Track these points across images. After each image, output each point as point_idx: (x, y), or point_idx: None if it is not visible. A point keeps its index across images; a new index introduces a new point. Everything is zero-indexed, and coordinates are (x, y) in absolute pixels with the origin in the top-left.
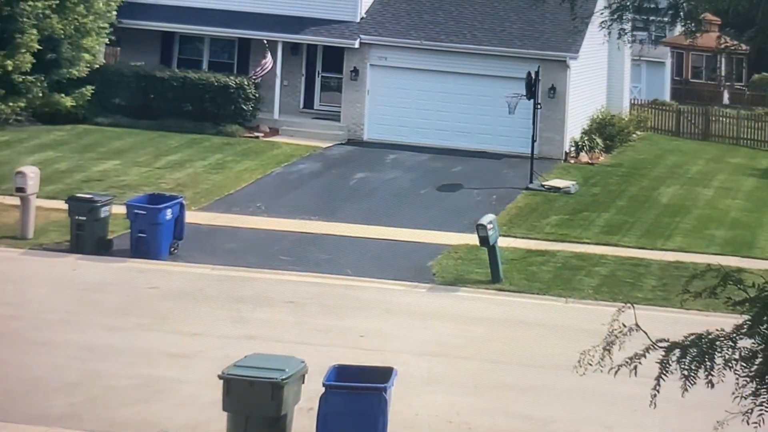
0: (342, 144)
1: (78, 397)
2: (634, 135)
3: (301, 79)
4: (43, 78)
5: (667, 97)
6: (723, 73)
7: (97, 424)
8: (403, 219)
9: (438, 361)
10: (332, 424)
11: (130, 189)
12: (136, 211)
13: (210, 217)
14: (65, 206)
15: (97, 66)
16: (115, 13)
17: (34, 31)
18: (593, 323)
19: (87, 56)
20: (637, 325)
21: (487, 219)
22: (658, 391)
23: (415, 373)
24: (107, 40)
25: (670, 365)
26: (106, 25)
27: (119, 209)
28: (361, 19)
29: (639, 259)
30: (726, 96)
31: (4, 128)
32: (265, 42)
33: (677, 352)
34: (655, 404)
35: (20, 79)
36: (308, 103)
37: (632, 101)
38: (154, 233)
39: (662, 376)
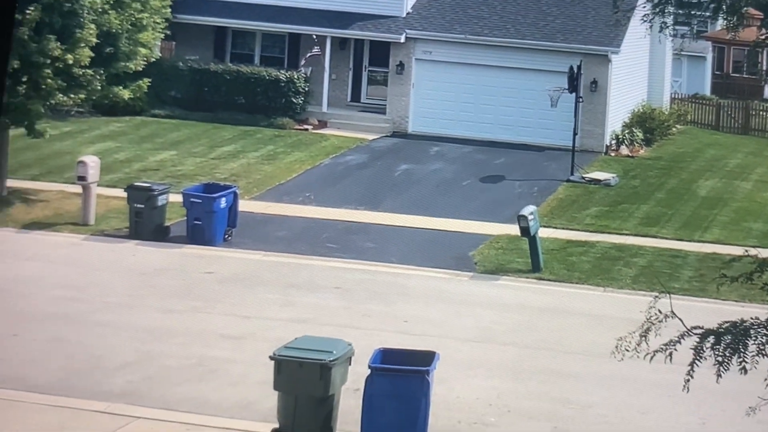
0: (387, 136)
1: (136, 376)
2: (674, 129)
3: (348, 73)
4: (102, 71)
5: (707, 91)
6: (764, 68)
7: (153, 402)
8: (446, 209)
9: (479, 347)
10: (377, 404)
11: (186, 178)
12: (192, 199)
13: (262, 206)
14: (124, 194)
15: (154, 60)
16: (169, 9)
17: (93, 26)
18: (631, 312)
19: (143, 50)
20: (672, 312)
21: (528, 210)
22: (691, 376)
23: (457, 358)
24: (163, 35)
25: (704, 351)
26: (161, 20)
27: (176, 198)
28: (407, 14)
29: (677, 250)
30: (767, 90)
31: (66, 120)
32: (315, 37)
33: (711, 338)
34: (688, 389)
35: (80, 73)
36: (355, 96)
37: (673, 95)
38: (210, 221)
39: (696, 362)
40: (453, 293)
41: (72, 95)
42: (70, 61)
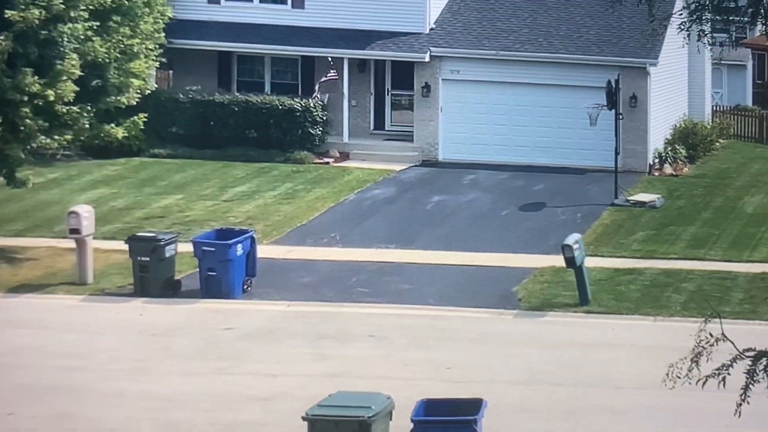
0: (416, 166)
1: None
2: (717, 143)
3: (369, 98)
4: (89, 107)
5: (749, 101)
6: None
7: None
8: (485, 243)
9: (529, 389)
10: None
11: (196, 225)
12: (203, 248)
13: (283, 251)
14: (125, 247)
15: (149, 92)
16: (163, 33)
17: (75, 56)
18: (682, 340)
19: (136, 81)
20: (723, 335)
21: (572, 239)
22: (744, 400)
23: (507, 402)
24: (158, 63)
25: (757, 374)
26: (155, 46)
27: (186, 247)
28: (431, 30)
29: (726, 272)
30: None
31: (52, 165)
32: (330, 60)
33: (765, 360)
34: (740, 414)
35: (64, 110)
36: (379, 123)
37: (714, 108)
38: (225, 271)
39: (750, 385)
40: (497, 334)
41: (56, 136)
42: (52, 98)
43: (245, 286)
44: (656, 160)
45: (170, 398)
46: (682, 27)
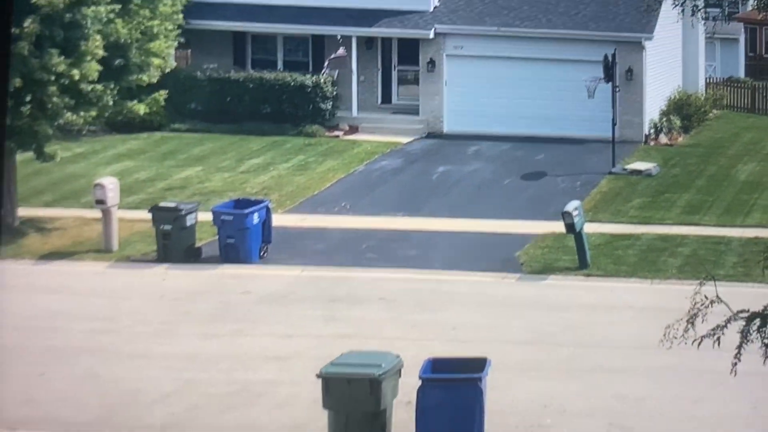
0: (422, 138)
1: (177, 407)
2: (711, 114)
3: (377, 73)
4: (113, 86)
5: (741, 73)
6: None
7: None
8: (488, 210)
9: (531, 349)
10: (430, 415)
11: (215, 195)
12: (223, 217)
13: (297, 219)
14: (149, 216)
15: (169, 70)
16: (181, 15)
17: (99, 37)
18: (678, 302)
19: (157, 61)
20: (718, 297)
21: (572, 206)
22: (739, 360)
23: (509, 362)
24: (176, 43)
25: (750, 335)
26: (174, 27)
27: (205, 216)
28: (435, 8)
29: (720, 237)
30: None
31: (78, 140)
32: (339, 38)
33: (758, 321)
34: (735, 373)
35: (89, 88)
36: (386, 98)
37: (707, 80)
38: (243, 238)
39: (743, 345)
40: (500, 296)
41: (82, 113)
42: (77, 77)
43: (262, 253)
44: (652, 131)
45: (191, 358)
46: (677, 2)
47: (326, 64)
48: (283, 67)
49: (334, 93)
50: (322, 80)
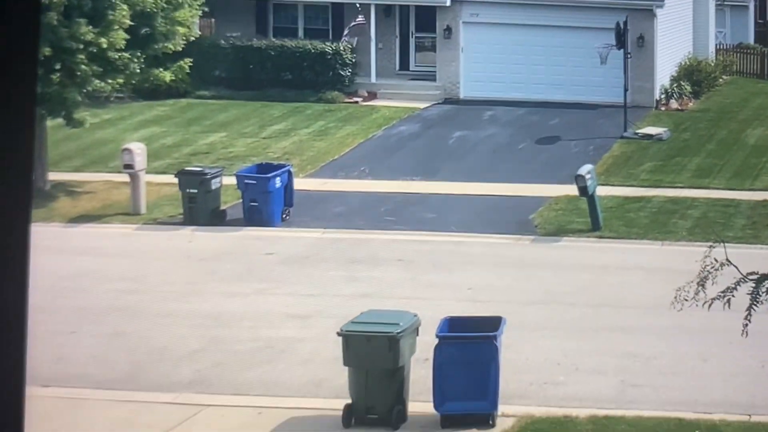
0: (439, 103)
1: (203, 364)
2: (721, 80)
3: (395, 41)
4: (139, 54)
5: (751, 40)
6: None
7: (223, 388)
8: (504, 174)
9: (544, 309)
10: (447, 372)
11: (239, 160)
12: (246, 181)
13: (318, 183)
14: (175, 180)
15: (193, 39)
16: None
17: (125, 7)
18: (689, 264)
19: (182, 29)
20: (728, 259)
21: (585, 169)
22: (749, 321)
23: (524, 321)
24: (200, 12)
25: (760, 296)
26: None
27: (229, 180)
28: None
29: (729, 200)
30: None
31: (105, 107)
32: (358, 6)
33: (767, 283)
34: (746, 333)
35: (116, 56)
36: (404, 64)
37: (717, 46)
38: (266, 201)
39: (753, 306)
40: (515, 258)
41: (109, 81)
42: (105, 45)
43: (284, 216)
44: (663, 96)
45: (216, 317)
46: None
47: (346, 31)
48: (303, 35)
49: (354, 60)
50: (341, 47)
